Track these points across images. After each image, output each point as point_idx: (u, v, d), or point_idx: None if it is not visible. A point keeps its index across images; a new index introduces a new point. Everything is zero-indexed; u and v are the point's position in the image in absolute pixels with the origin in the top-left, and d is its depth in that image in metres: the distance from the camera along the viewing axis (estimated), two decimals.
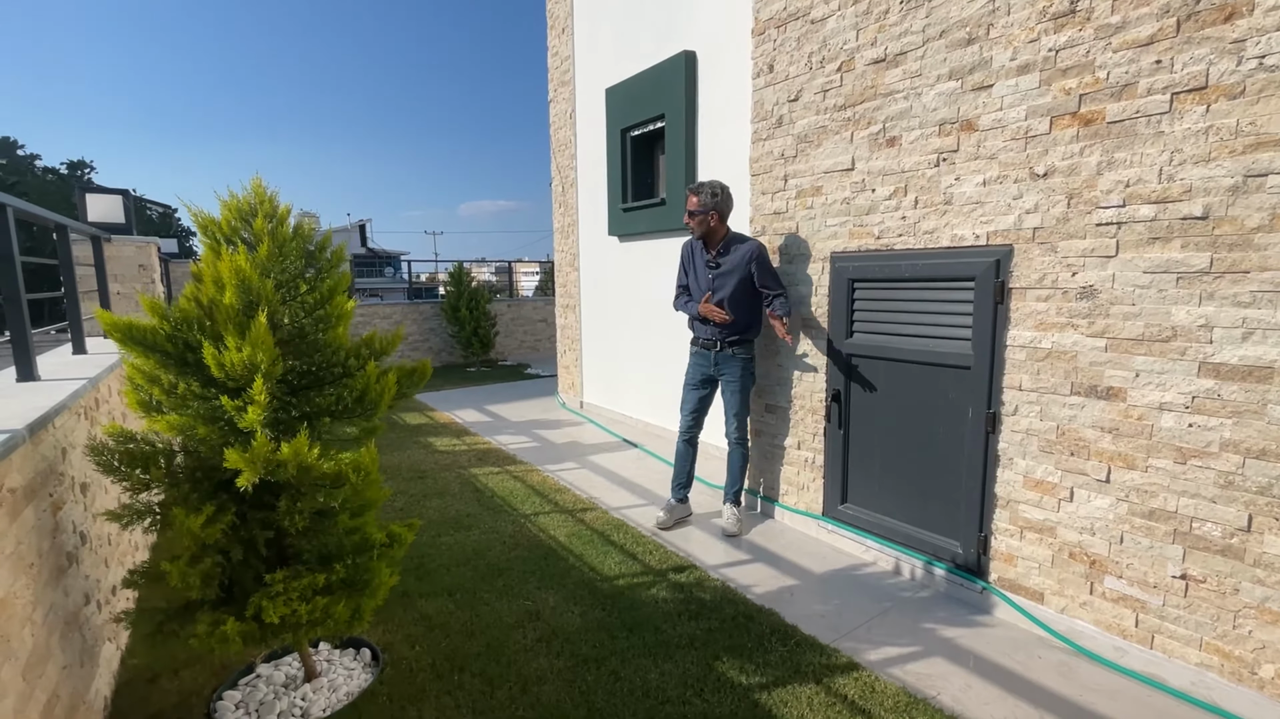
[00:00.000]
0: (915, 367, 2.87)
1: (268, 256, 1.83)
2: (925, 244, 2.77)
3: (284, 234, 1.91)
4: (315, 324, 1.98)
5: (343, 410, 1.98)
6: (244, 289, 1.77)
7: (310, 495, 1.89)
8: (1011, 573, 2.59)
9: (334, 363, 2.02)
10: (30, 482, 1.57)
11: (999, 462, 2.59)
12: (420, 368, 2.31)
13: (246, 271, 1.75)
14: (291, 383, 1.98)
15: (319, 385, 2.00)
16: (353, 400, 1.97)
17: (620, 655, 2.36)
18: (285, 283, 1.93)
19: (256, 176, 1.94)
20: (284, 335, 1.95)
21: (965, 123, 2.58)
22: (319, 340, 2.00)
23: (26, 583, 1.45)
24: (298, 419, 1.93)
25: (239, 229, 1.91)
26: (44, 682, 1.50)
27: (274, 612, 1.76)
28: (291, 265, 1.93)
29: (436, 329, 9.90)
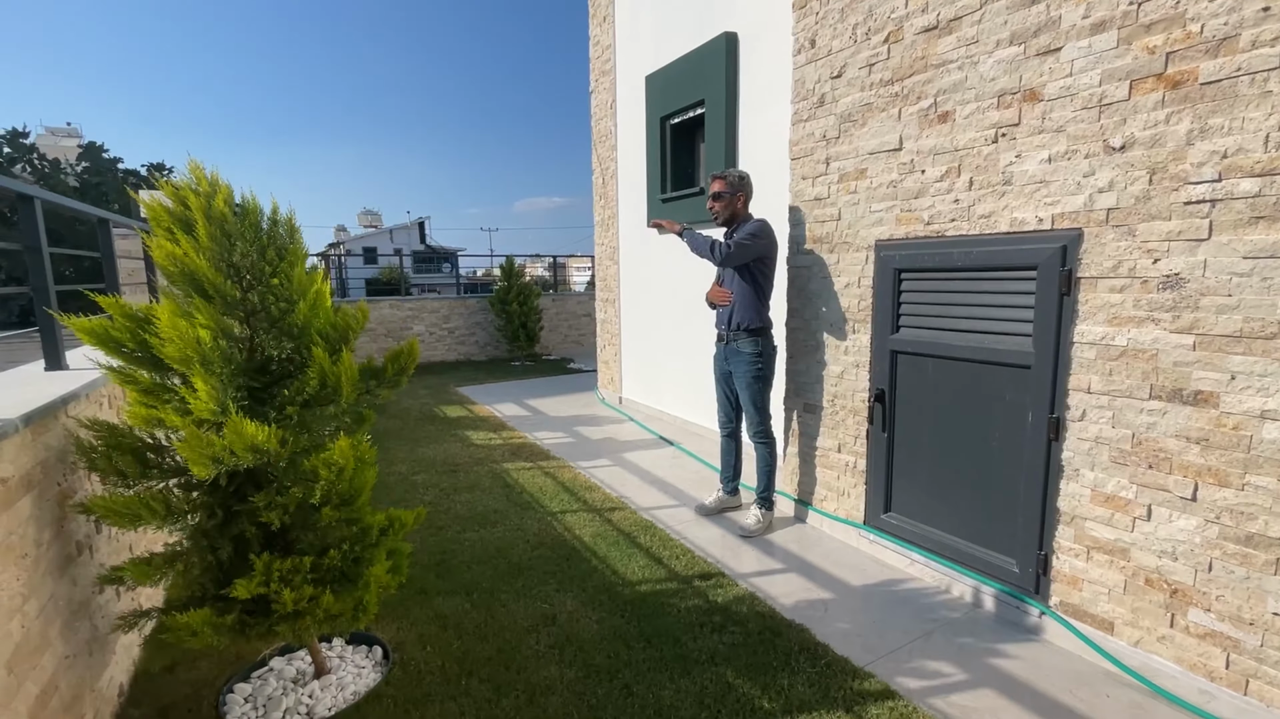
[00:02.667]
0: (968, 365, 2.61)
1: (205, 238, 1.75)
2: (981, 229, 2.50)
3: (219, 213, 1.80)
4: (288, 308, 1.89)
5: (309, 400, 1.89)
6: (185, 273, 1.70)
7: (288, 488, 1.83)
8: (1076, 598, 2.31)
9: (289, 352, 1.94)
10: (28, 471, 1.56)
11: (1063, 473, 2.31)
12: (408, 348, 2.22)
13: (180, 254, 1.68)
14: (272, 371, 1.92)
15: (284, 377, 1.92)
16: (316, 388, 1.88)
17: (635, 668, 2.23)
18: (246, 268, 1.84)
19: (192, 159, 1.84)
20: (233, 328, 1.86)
21: (1028, 92, 2.30)
22: (294, 326, 1.91)
23: (17, 574, 1.44)
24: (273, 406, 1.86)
25: (180, 214, 1.83)
26: (36, 674, 1.49)
27: (245, 588, 1.69)
28: (243, 248, 1.83)
29: (483, 323, 10.01)
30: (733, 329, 3.33)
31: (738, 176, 3.33)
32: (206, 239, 1.76)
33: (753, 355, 3.31)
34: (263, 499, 1.81)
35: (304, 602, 1.85)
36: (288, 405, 1.87)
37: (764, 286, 3.32)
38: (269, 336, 1.90)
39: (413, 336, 9.25)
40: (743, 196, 3.33)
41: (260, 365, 1.91)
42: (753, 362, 3.31)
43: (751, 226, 3.25)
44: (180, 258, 1.72)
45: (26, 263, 2.12)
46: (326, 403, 1.97)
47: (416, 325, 9.57)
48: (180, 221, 1.81)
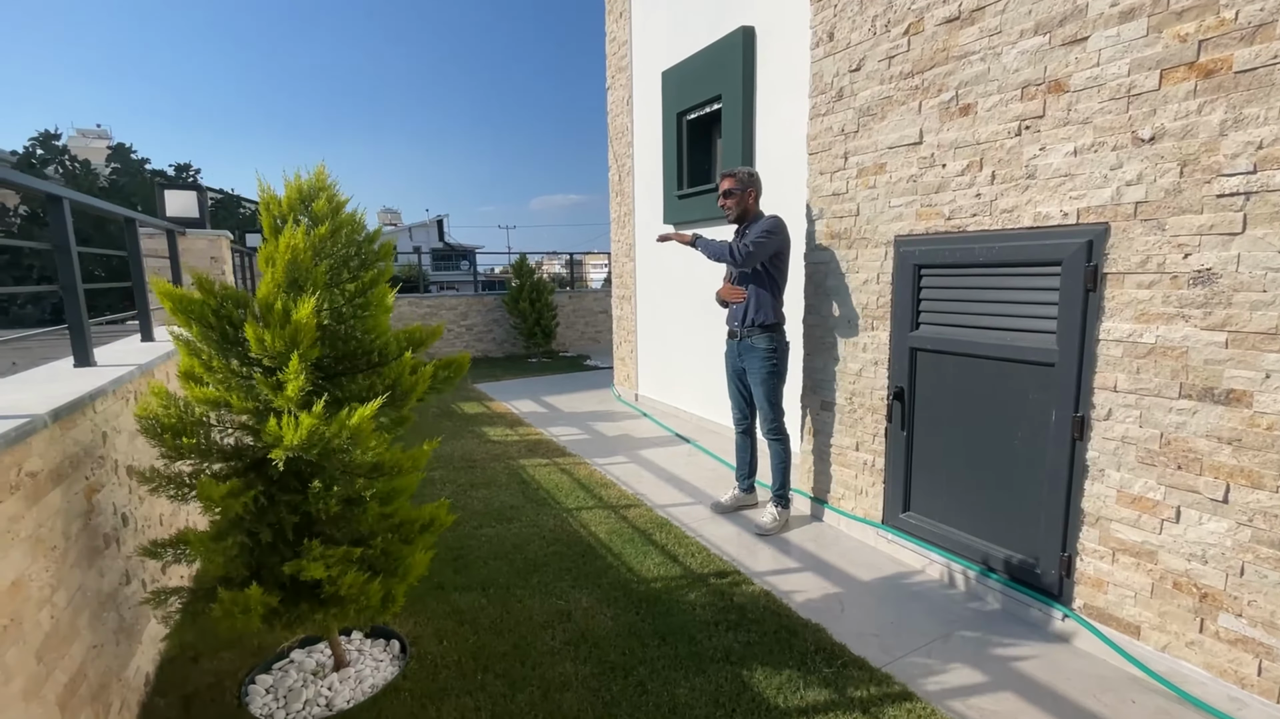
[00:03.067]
0: (990, 362, 2.56)
1: (322, 239, 1.80)
2: (1003, 224, 2.45)
3: (342, 219, 1.88)
4: (354, 311, 1.95)
5: (373, 398, 1.94)
6: (293, 267, 1.74)
7: (346, 480, 1.86)
8: (1100, 600, 2.26)
9: (369, 351, 1.98)
10: (57, 465, 1.60)
11: (1087, 473, 2.26)
12: (458, 361, 2.26)
13: (299, 249, 1.72)
14: (326, 367, 1.95)
15: (352, 372, 1.97)
16: (383, 389, 1.93)
17: (649, 665, 2.22)
18: (332, 268, 1.90)
19: (321, 164, 1.93)
20: (323, 320, 1.93)
21: (1053, 83, 2.24)
22: (354, 327, 1.97)
23: (45, 565, 1.48)
24: (330, 404, 1.90)
25: (298, 210, 1.89)
26: (65, 663, 1.53)
27: (315, 571, 1.73)
28: (341, 252, 1.90)
29: (500, 320, 10.07)
30: (747, 325, 3.30)
31: (747, 173, 3.33)
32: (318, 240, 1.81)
33: (767, 351, 3.29)
34: (318, 485, 1.84)
35: (358, 587, 1.88)
36: (353, 402, 1.91)
37: (778, 282, 3.29)
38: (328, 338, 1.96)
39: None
40: (753, 193, 3.33)
41: (315, 361, 1.95)
42: (767, 358, 3.29)
43: (766, 223, 3.23)
44: (299, 250, 1.76)
45: (55, 262, 2.17)
46: (398, 403, 2.02)
47: (434, 322, 9.65)
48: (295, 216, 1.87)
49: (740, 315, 3.34)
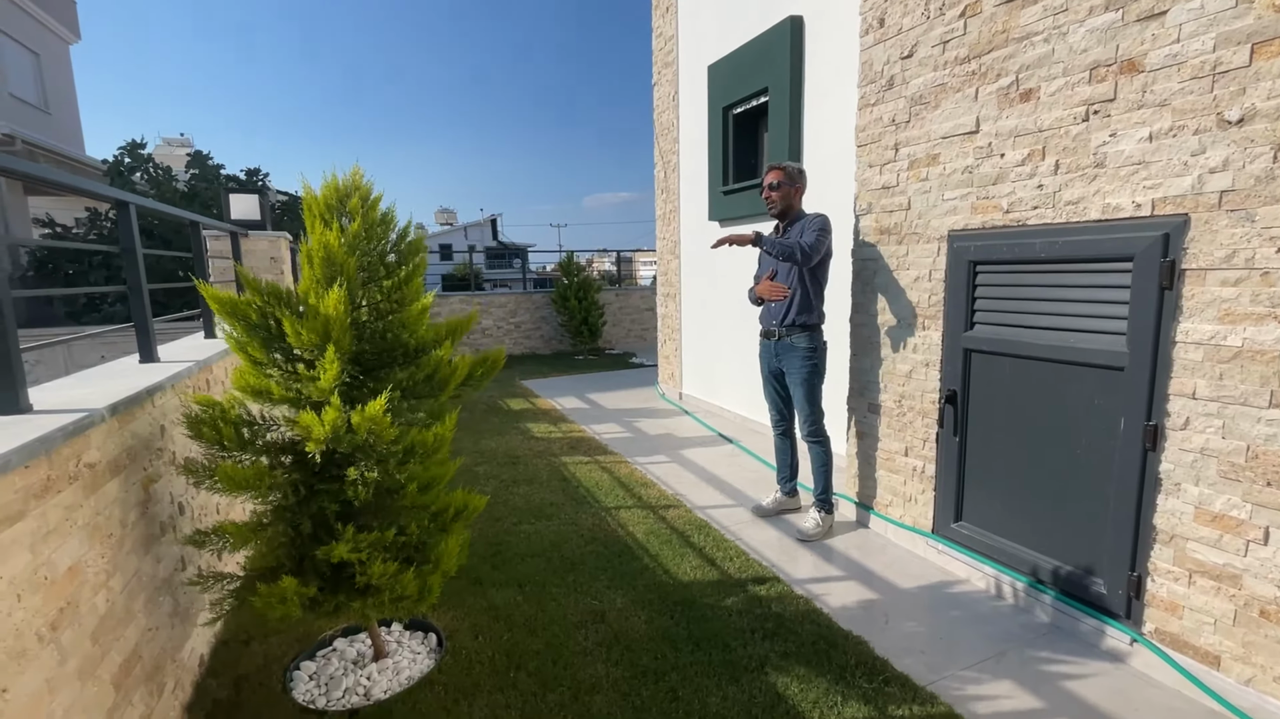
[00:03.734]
0: (1051, 365, 2.39)
1: (355, 235, 1.85)
2: (1068, 218, 2.28)
3: (373, 217, 1.92)
4: (391, 306, 1.98)
5: (411, 389, 1.97)
6: (328, 263, 1.79)
7: (379, 466, 1.90)
8: (1174, 626, 2.08)
9: (407, 344, 2.01)
10: (115, 457, 1.69)
11: (1161, 487, 2.08)
12: (494, 357, 2.28)
13: (333, 246, 1.77)
14: (366, 362, 1.99)
15: (390, 365, 2.01)
16: (421, 379, 1.96)
17: (682, 671, 2.18)
18: (368, 265, 1.94)
19: (356, 164, 1.97)
20: (362, 316, 1.98)
21: (1126, 63, 2.07)
22: (392, 322, 2.00)
23: (102, 552, 1.56)
24: (369, 395, 1.94)
25: (335, 208, 1.93)
26: (120, 644, 1.61)
27: (341, 550, 1.77)
28: (376, 248, 1.94)
29: (548, 318, 10.19)
30: (786, 324, 3.20)
31: (796, 169, 3.23)
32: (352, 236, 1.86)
33: (808, 350, 3.18)
34: (353, 473, 1.89)
35: (388, 575, 1.92)
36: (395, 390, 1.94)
37: (821, 281, 3.19)
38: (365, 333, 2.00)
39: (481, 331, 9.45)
40: (799, 190, 3.24)
41: (355, 356, 2.00)
42: (808, 357, 3.18)
43: (819, 221, 3.11)
44: (332, 246, 1.82)
45: (123, 263, 2.30)
46: (428, 395, 2.05)
47: (485, 320, 9.86)
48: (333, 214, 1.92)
49: (780, 314, 3.24)
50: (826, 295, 3.25)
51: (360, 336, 1.92)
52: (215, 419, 1.76)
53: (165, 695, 1.86)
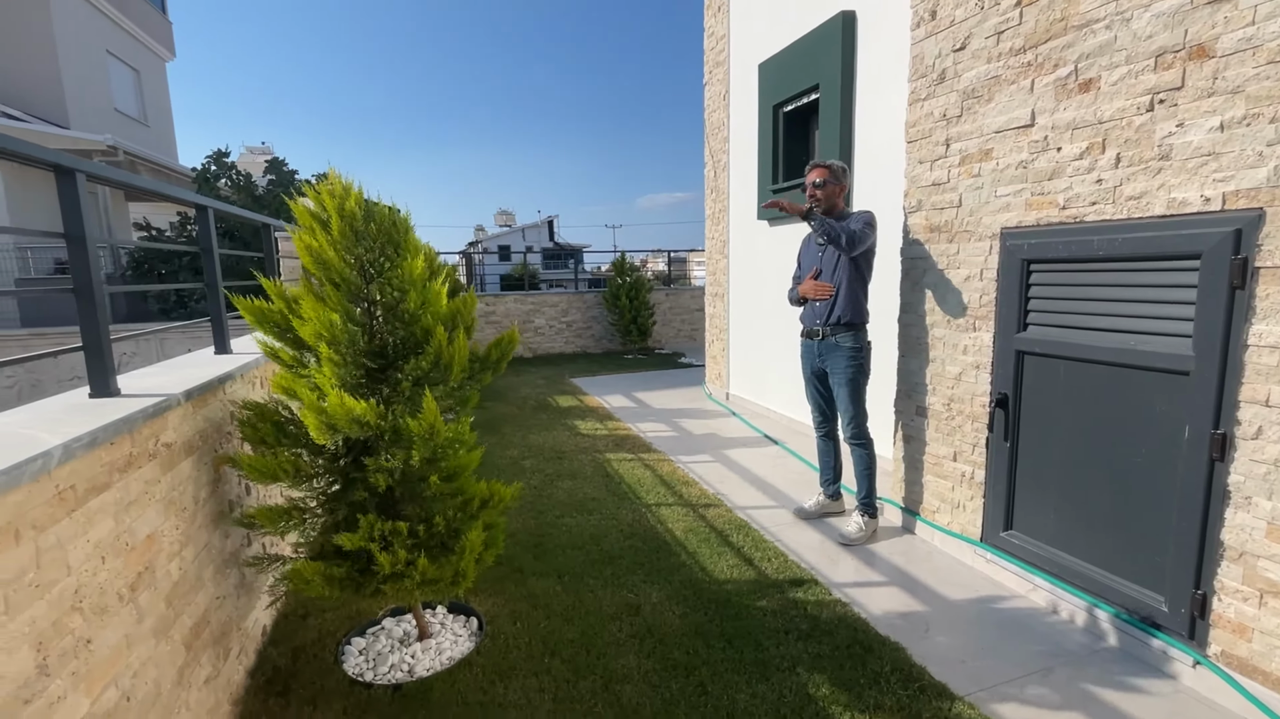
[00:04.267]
0: (1109, 369, 2.27)
1: (339, 233, 1.94)
2: (1129, 213, 2.16)
3: (349, 212, 1.99)
4: (400, 297, 2.07)
5: (424, 376, 2.05)
6: (320, 264, 1.91)
7: (392, 454, 2.00)
8: (1243, 649, 1.94)
9: (416, 334, 2.11)
10: (189, 439, 1.85)
11: (1229, 499, 1.95)
12: (508, 337, 2.35)
13: (316, 247, 1.88)
14: (388, 354, 2.10)
15: (407, 355, 2.10)
16: (429, 366, 2.04)
17: (712, 667, 2.20)
18: (370, 261, 2.03)
19: (331, 168, 2.06)
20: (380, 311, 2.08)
21: (1195, 48, 1.95)
22: (406, 313, 2.08)
23: (176, 524, 1.72)
24: (389, 384, 2.05)
25: (318, 214, 2.04)
26: (191, 609, 1.77)
27: (351, 540, 1.89)
28: (372, 245, 2.02)
29: (599, 317, 10.32)
30: (831, 323, 3.15)
31: (840, 167, 3.19)
32: (338, 234, 1.98)
33: (853, 350, 3.12)
34: (373, 463, 2.00)
35: (400, 564, 2.03)
36: (402, 382, 2.06)
37: (866, 279, 3.13)
38: (385, 323, 2.11)
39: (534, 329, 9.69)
40: (843, 189, 3.20)
41: (378, 349, 2.12)
42: (853, 357, 3.13)
43: (864, 216, 3.06)
44: (316, 250, 1.95)
45: (202, 263, 2.50)
46: (437, 382, 2.15)
47: (538, 319, 10.08)
48: (319, 220, 2.05)
49: (824, 313, 3.18)
50: (872, 294, 3.19)
51: (373, 329, 2.02)
52: (254, 420, 1.91)
53: (230, 660, 2.03)
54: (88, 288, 1.63)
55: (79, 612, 1.27)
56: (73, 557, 1.26)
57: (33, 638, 1.13)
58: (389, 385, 2.06)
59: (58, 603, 1.20)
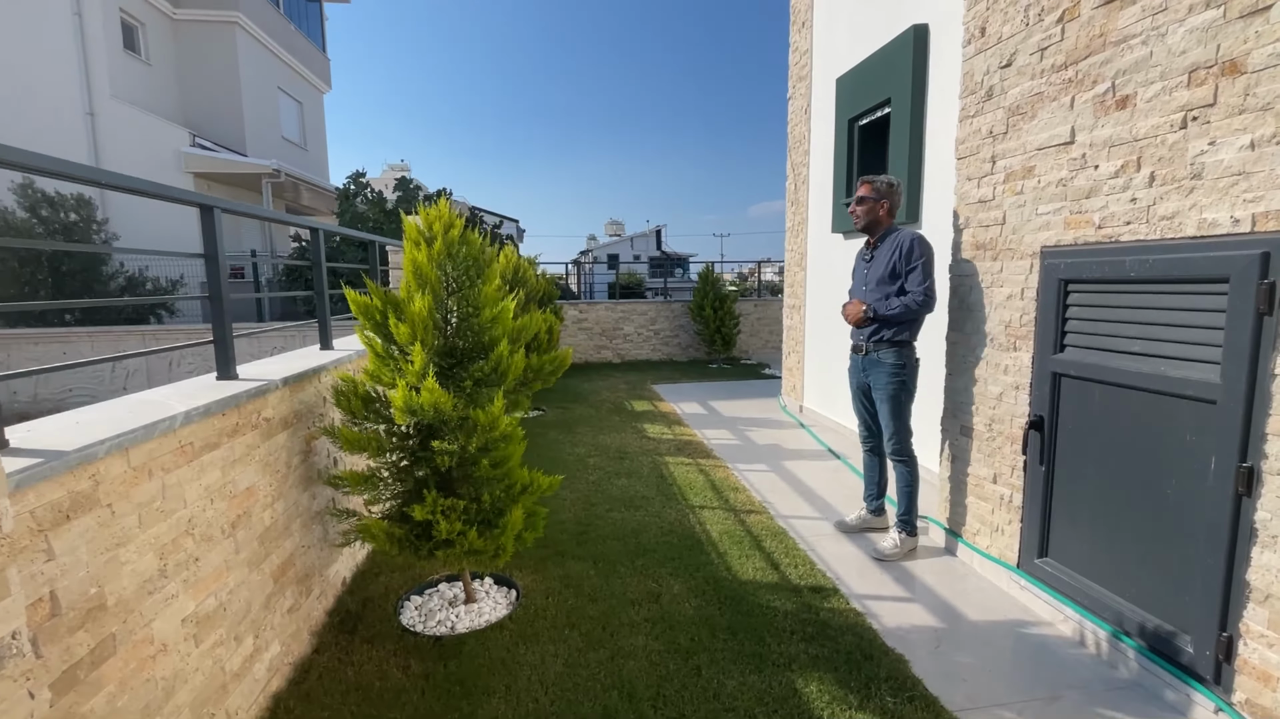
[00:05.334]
0: (1141, 394, 2.19)
1: (438, 253, 2.34)
2: (1162, 234, 2.09)
3: (453, 236, 2.40)
4: (473, 310, 2.44)
5: (484, 378, 2.41)
6: (418, 274, 2.31)
7: (453, 437, 2.37)
8: (1268, 699, 1.82)
9: (482, 342, 2.47)
10: (286, 415, 2.33)
11: (1256, 538, 1.84)
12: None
13: (419, 261, 2.28)
14: (458, 355, 2.48)
15: (473, 359, 2.47)
16: (490, 370, 2.39)
17: (711, 654, 2.37)
18: (456, 278, 2.43)
19: (444, 198, 2.48)
20: (453, 318, 2.47)
21: (1228, 64, 1.87)
22: (473, 324, 2.46)
23: (270, 481, 2.18)
24: (454, 381, 2.42)
25: (425, 234, 2.46)
26: (279, 551, 2.23)
27: (420, 512, 2.27)
28: (460, 264, 2.41)
29: (685, 326, 10.56)
30: (874, 339, 3.17)
31: (886, 184, 3.19)
32: (437, 252, 2.40)
33: (894, 367, 3.12)
34: (440, 445, 2.39)
35: (454, 534, 2.39)
36: (465, 380, 2.44)
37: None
38: (458, 332, 2.51)
39: (622, 336, 10.09)
40: (886, 204, 3.18)
41: (449, 350, 2.51)
42: (894, 374, 3.13)
43: (917, 249, 3.03)
44: (419, 262, 2.38)
45: (312, 274, 3.05)
46: (495, 384, 2.52)
47: (626, 326, 10.50)
48: (425, 238, 2.48)
49: (869, 330, 3.22)
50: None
51: (448, 334, 2.40)
52: (349, 393, 2.35)
53: (311, 598, 2.49)
54: (218, 296, 2.14)
55: (190, 536, 1.71)
56: (188, 494, 1.71)
57: (156, 547, 1.57)
58: (454, 382, 2.44)
59: (175, 526, 1.65)
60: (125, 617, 1.46)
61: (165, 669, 1.59)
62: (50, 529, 1.25)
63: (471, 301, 2.44)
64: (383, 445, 2.41)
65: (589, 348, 10.44)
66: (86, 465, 1.34)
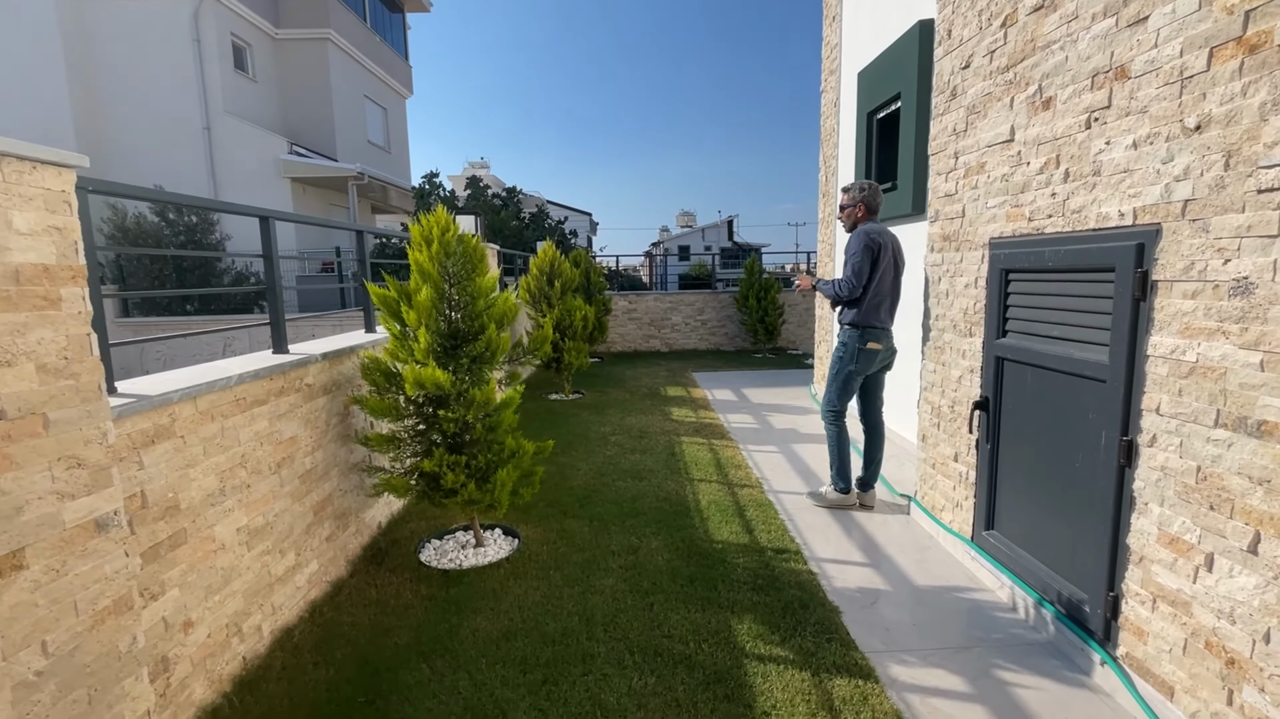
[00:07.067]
0: (1058, 375, 2.36)
1: (435, 252, 2.83)
2: (1073, 226, 2.25)
3: (449, 240, 2.88)
4: (469, 299, 2.92)
5: (479, 355, 2.89)
6: (420, 271, 2.81)
7: (457, 408, 2.86)
8: (1140, 651, 2.00)
9: (474, 327, 2.94)
10: (325, 383, 2.89)
11: (1134, 505, 2.01)
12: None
13: (420, 260, 2.78)
14: (459, 336, 2.97)
15: (470, 340, 2.95)
16: (482, 349, 2.86)
17: (664, 594, 2.74)
18: (455, 273, 2.92)
19: (441, 206, 2.96)
20: (457, 308, 2.97)
21: (1119, 69, 2.03)
22: (468, 311, 2.94)
23: (310, 434, 2.74)
24: (454, 358, 2.91)
25: (426, 236, 2.94)
26: (318, 490, 2.79)
27: (429, 464, 2.79)
28: (456, 261, 2.90)
29: (733, 316, 10.78)
30: (837, 318, 3.59)
31: (858, 188, 3.52)
32: (435, 251, 2.90)
33: (840, 344, 3.56)
34: (444, 414, 2.89)
35: (458, 484, 2.89)
36: (464, 358, 2.93)
37: (865, 285, 3.40)
38: (461, 318, 3.00)
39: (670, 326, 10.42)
40: (862, 207, 3.52)
41: (452, 332, 3.00)
42: (839, 351, 3.57)
43: (851, 244, 3.44)
44: (420, 261, 2.89)
45: (360, 271, 3.64)
46: (488, 361, 3.00)
47: (675, 316, 10.85)
48: (426, 240, 2.99)
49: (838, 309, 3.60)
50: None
51: (452, 319, 2.89)
52: (374, 368, 2.89)
53: (348, 532, 3.06)
54: (273, 288, 2.71)
55: (243, 468, 2.28)
56: (242, 435, 2.27)
57: (217, 472, 2.13)
58: (454, 360, 2.94)
59: (231, 458, 2.21)
60: (194, 518, 2.02)
61: (224, 562, 2.16)
62: (141, 448, 1.81)
63: (469, 292, 2.91)
64: (401, 412, 2.93)
65: (638, 337, 10.87)
66: (166, 407, 1.90)
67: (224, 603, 2.15)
